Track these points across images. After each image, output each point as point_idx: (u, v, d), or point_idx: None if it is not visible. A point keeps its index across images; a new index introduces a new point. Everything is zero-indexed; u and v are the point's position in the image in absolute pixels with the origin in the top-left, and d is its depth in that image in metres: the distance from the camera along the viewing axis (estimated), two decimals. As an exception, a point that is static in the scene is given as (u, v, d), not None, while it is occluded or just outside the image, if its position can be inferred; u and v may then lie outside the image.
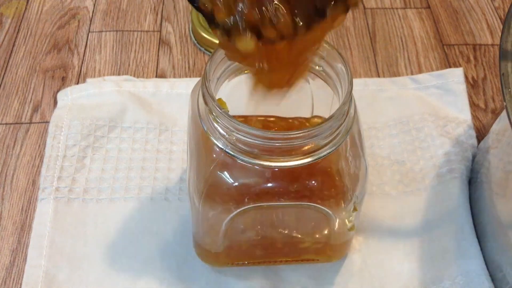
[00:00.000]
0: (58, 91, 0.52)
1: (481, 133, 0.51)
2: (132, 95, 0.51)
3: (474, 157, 0.47)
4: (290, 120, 0.37)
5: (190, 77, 0.55)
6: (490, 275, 0.41)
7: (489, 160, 0.43)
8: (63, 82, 0.55)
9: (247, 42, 0.22)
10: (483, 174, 0.44)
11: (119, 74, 0.55)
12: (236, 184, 0.33)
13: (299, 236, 0.39)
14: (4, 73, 0.55)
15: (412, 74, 0.56)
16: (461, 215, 0.44)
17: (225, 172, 0.33)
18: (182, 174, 0.46)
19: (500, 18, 0.62)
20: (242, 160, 0.32)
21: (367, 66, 0.57)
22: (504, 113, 0.42)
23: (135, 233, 0.43)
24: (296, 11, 0.20)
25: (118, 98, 0.50)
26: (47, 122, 0.51)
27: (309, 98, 0.38)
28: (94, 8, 0.62)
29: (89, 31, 0.60)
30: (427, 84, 0.53)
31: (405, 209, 0.45)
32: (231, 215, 0.34)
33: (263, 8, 0.20)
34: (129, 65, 0.56)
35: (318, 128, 0.30)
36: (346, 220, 0.37)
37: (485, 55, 0.58)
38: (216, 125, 0.31)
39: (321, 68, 0.35)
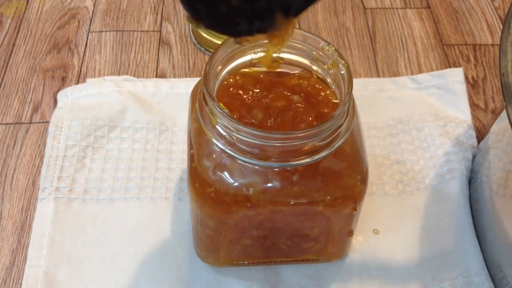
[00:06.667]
0: (58, 91, 0.52)
1: (481, 133, 0.51)
2: (132, 95, 0.51)
3: (474, 157, 0.47)
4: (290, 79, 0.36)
5: (190, 77, 0.55)
6: (490, 275, 0.41)
7: (489, 160, 0.43)
8: (63, 82, 0.55)
9: None
10: (483, 174, 0.44)
11: (119, 74, 0.55)
12: (236, 184, 0.33)
13: (299, 236, 0.39)
14: (4, 73, 0.55)
15: (412, 74, 0.56)
16: (461, 215, 0.44)
17: (225, 172, 0.33)
18: (182, 174, 0.46)
19: (500, 18, 0.62)
20: (242, 160, 0.32)
21: (367, 66, 0.57)
22: (504, 113, 0.42)
23: (135, 233, 0.43)
24: None
25: (118, 98, 0.50)
26: (47, 122, 0.51)
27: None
28: (94, 8, 0.62)
29: (89, 31, 0.60)
30: (427, 84, 0.53)
31: (405, 209, 0.45)
32: (231, 215, 0.34)
33: None
34: (129, 65, 0.56)
35: (318, 128, 0.30)
36: (346, 222, 0.37)
37: (485, 55, 0.58)
38: (216, 125, 0.32)
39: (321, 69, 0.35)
